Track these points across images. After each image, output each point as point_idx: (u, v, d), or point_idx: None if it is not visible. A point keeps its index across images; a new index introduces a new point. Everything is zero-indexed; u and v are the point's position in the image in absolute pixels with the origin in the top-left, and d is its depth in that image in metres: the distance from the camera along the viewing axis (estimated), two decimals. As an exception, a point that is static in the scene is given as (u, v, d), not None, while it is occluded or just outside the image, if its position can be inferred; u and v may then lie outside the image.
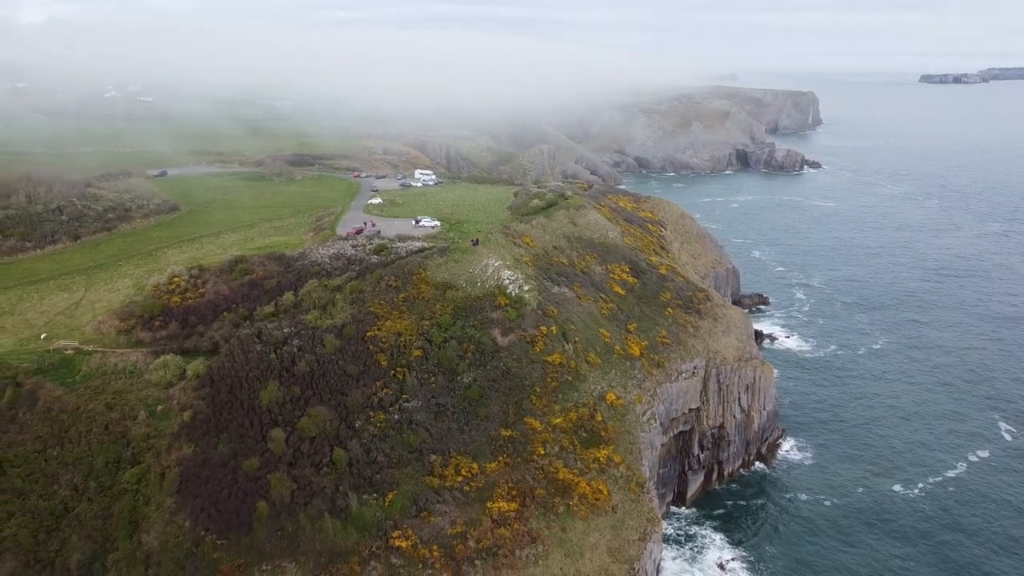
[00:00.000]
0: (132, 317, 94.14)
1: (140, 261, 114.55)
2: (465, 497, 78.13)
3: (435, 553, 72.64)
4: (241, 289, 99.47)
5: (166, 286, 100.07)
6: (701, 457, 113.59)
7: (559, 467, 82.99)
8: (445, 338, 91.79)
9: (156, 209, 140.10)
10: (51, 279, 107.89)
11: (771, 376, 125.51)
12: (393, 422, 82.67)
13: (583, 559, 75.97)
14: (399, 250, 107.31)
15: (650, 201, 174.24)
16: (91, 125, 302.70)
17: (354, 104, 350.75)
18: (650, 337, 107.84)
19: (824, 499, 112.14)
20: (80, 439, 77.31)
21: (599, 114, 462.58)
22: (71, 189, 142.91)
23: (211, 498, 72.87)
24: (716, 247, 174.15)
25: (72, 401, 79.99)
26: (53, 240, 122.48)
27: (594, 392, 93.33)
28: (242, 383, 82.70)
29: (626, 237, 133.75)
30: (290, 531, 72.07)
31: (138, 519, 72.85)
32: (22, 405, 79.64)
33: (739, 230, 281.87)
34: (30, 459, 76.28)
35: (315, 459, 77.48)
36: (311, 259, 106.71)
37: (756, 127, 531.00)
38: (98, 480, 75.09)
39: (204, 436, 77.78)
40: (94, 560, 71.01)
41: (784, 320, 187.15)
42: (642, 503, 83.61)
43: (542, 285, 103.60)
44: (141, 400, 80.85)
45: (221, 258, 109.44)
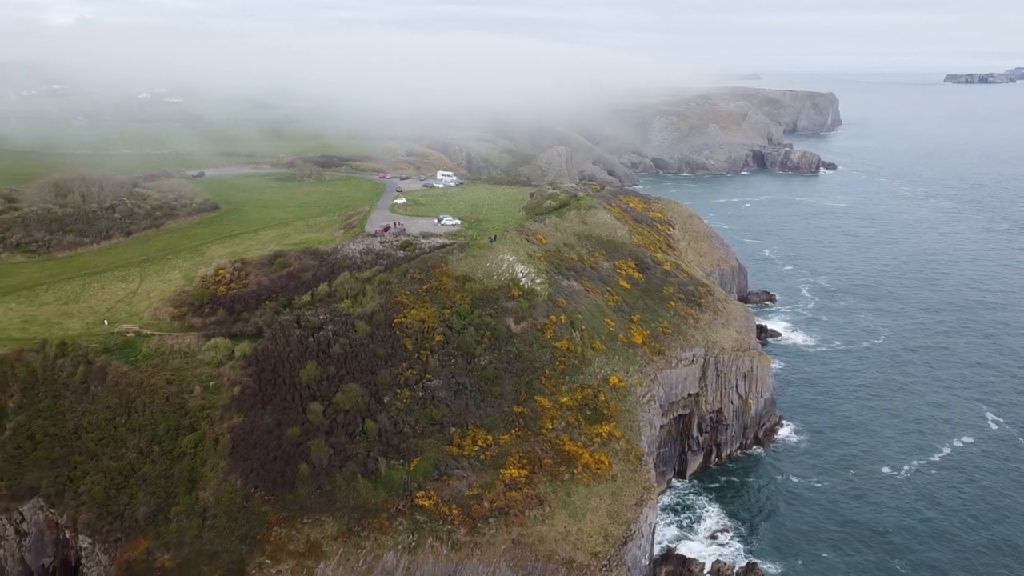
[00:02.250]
0: (184, 305, 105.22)
1: (187, 255, 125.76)
2: (481, 464, 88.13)
3: (454, 511, 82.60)
4: (280, 280, 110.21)
5: (213, 277, 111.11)
6: (700, 439, 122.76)
7: (565, 440, 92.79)
8: (464, 325, 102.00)
9: (198, 208, 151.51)
10: (108, 271, 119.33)
11: (768, 366, 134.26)
12: (417, 398, 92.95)
13: (585, 520, 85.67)
14: (423, 246, 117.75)
15: (660, 202, 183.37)
16: (127, 127, 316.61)
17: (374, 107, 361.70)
18: (652, 327, 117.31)
19: (815, 480, 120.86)
20: (144, 409, 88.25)
21: (616, 116, 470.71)
22: (120, 189, 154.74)
23: (259, 460, 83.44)
24: (723, 246, 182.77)
25: (136, 376, 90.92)
26: (107, 236, 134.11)
27: (598, 375, 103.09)
28: (284, 363, 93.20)
29: (634, 236, 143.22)
30: (327, 489, 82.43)
31: (196, 478, 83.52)
32: (93, 380, 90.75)
33: (751, 230, 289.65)
34: (102, 426, 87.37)
35: (349, 429, 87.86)
36: (343, 254, 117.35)
37: (774, 128, 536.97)
38: (160, 444, 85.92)
39: (252, 408, 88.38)
40: (158, 513, 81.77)
41: (790, 316, 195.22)
42: (639, 473, 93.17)
43: (553, 279, 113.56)
44: (196, 376, 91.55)
45: (261, 252, 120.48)
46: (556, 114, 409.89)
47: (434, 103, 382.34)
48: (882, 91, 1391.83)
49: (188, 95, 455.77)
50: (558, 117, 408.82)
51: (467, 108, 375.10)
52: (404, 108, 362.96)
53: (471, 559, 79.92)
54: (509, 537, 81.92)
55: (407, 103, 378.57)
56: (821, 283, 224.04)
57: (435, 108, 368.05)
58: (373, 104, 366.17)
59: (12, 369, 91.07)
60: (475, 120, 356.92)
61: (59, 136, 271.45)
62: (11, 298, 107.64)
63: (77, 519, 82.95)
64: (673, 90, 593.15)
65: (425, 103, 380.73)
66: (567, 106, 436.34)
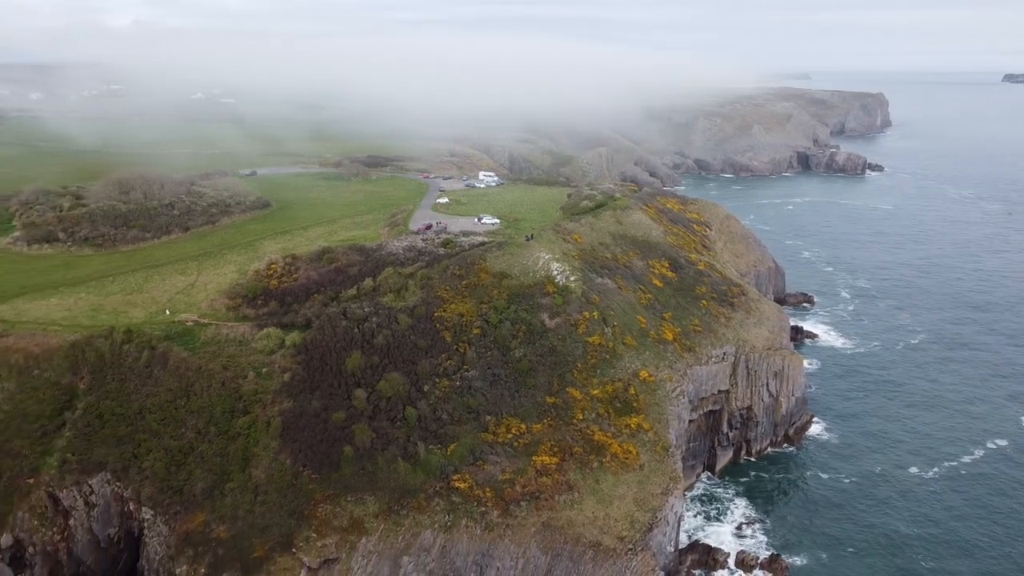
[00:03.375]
0: (238, 296, 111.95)
1: (241, 250, 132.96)
2: (514, 451, 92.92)
3: (488, 494, 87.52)
4: (328, 275, 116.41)
5: (265, 271, 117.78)
6: (730, 435, 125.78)
7: (595, 430, 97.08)
8: (500, 319, 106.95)
9: (251, 205, 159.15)
10: (168, 264, 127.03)
11: (800, 366, 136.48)
12: (455, 387, 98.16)
13: (612, 506, 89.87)
14: (463, 243, 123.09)
15: (697, 203, 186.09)
16: (183, 127, 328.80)
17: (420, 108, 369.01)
18: (683, 325, 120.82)
19: (843, 477, 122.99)
20: (202, 392, 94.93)
21: (659, 117, 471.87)
22: (179, 187, 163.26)
23: (307, 442, 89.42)
24: (759, 247, 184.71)
25: (195, 362, 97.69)
26: (167, 231, 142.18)
27: (629, 369, 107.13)
28: (331, 352, 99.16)
29: (668, 236, 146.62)
30: (370, 470, 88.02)
31: (249, 457, 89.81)
32: (156, 364, 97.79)
33: (792, 231, 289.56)
34: (163, 407, 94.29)
35: (390, 414, 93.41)
36: (387, 250, 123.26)
37: (820, 129, 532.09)
38: (217, 425, 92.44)
39: (301, 393, 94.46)
40: (214, 488, 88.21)
41: (827, 317, 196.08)
42: (666, 464, 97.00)
43: (587, 276, 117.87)
44: (249, 363, 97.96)
45: (310, 248, 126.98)
46: (599, 115, 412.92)
47: (478, 104, 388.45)
48: (936, 91, 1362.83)
49: (241, 96, 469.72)
50: (600, 118, 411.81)
51: (510, 109, 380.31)
52: (449, 109, 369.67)
53: (503, 539, 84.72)
54: (539, 520, 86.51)
55: (452, 104, 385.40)
56: (861, 285, 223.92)
57: (479, 109, 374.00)
58: (419, 105, 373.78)
59: (83, 353, 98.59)
60: (518, 121, 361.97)
61: (118, 136, 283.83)
62: (81, 288, 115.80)
63: (141, 492, 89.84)
64: (718, 91, 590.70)
65: (470, 104, 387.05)
66: (610, 107, 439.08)
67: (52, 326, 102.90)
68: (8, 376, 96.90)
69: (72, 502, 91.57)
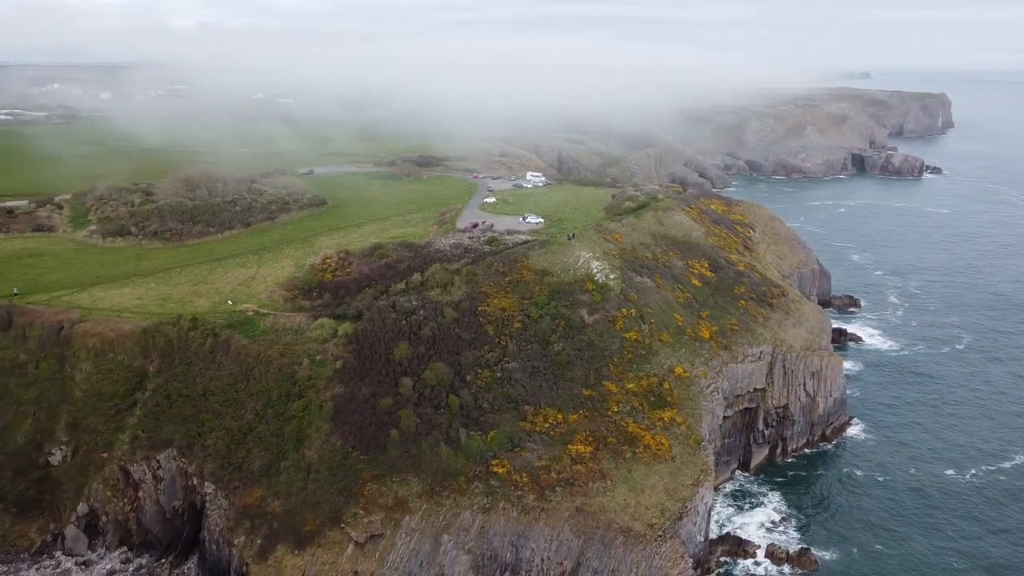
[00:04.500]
0: (295, 289, 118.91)
1: (298, 245, 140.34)
2: (550, 439, 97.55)
3: (524, 479, 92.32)
4: (379, 269, 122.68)
5: (320, 265, 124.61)
6: (766, 433, 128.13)
7: (629, 422, 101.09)
8: (541, 314, 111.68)
9: (308, 203, 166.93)
10: (231, 258, 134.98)
11: (839, 367, 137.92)
12: (496, 378, 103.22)
13: (643, 494, 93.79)
14: (507, 241, 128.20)
15: (741, 205, 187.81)
16: (244, 126, 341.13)
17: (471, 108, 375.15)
18: (720, 324, 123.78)
19: (878, 476, 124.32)
20: (261, 377, 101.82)
21: (711, 117, 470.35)
22: (241, 185, 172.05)
23: (356, 425, 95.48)
24: (804, 249, 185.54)
25: (255, 349, 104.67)
26: (230, 227, 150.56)
27: (664, 365, 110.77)
28: (380, 342, 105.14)
29: (709, 237, 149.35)
30: (414, 453, 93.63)
31: (302, 438, 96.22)
32: (219, 350, 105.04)
33: (841, 234, 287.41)
34: (225, 390, 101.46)
35: (434, 402, 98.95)
36: (435, 247, 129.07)
37: (877, 131, 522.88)
38: (274, 408, 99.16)
39: (351, 380, 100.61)
40: (270, 466, 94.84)
41: (874, 321, 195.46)
42: (698, 457, 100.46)
43: (626, 275, 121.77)
44: (304, 351, 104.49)
45: (362, 244, 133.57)
46: (648, 115, 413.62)
47: (528, 104, 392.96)
48: (1002, 91, 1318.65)
49: (299, 96, 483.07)
50: (650, 118, 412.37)
51: (559, 109, 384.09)
52: (499, 109, 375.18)
53: (538, 522, 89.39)
54: (573, 505, 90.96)
55: (502, 104, 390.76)
56: (911, 289, 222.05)
57: (529, 109, 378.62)
58: (470, 105, 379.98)
59: (153, 339, 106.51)
60: (567, 122, 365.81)
61: (182, 135, 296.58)
62: (151, 279, 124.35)
63: (203, 468, 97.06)
64: (771, 91, 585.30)
65: (519, 104, 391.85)
66: (659, 107, 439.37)
67: (125, 313, 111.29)
68: (86, 358, 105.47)
69: (142, 476, 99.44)
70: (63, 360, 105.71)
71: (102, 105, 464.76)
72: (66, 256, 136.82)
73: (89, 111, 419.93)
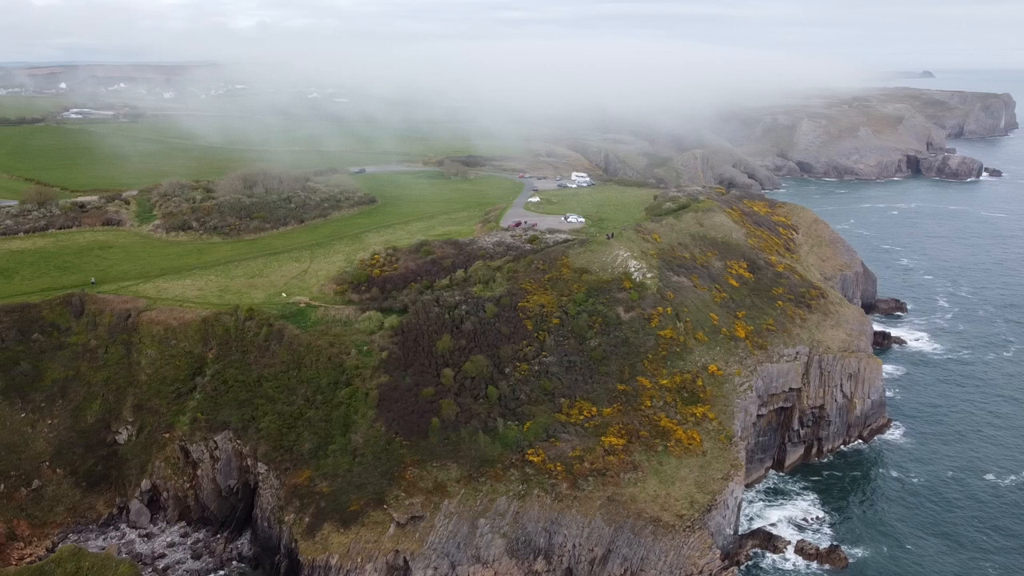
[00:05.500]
0: (345, 283, 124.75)
1: (349, 241, 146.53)
2: (584, 431, 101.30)
3: (558, 468, 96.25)
4: (424, 265, 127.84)
5: (369, 261, 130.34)
6: (801, 432, 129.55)
7: (661, 417, 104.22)
8: (578, 311, 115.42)
9: (359, 201, 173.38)
10: (285, 252, 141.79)
11: (878, 369, 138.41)
12: (533, 371, 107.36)
13: (673, 486, 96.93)
14: (548, 240, 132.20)
15: (785, 207, 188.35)
16: (297, 126, 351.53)
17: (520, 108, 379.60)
18: (757, 323, 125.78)
19: (914, 478, 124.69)
20: (311, 365, 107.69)
21: (762, 118, 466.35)
22: (295, 182, 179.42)
23: (400, 412, 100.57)
24: (847, 252, 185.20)
25: (306, 339, 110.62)
26: (284, 223, 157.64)
27: (698, 363, 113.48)
28: (424, 334, 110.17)
29: (750, 238, 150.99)
30: (454, 440, 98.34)
31: (349, 423, 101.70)
32: (272, 339, 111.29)
33: (892, 237, 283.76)
34: (278, 377, 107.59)
35: (474, 392, 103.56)
36: (479, 245, 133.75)
37: (935, 132, 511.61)
38: (323, 395, 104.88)
39: (396, 370, 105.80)
40: (319, 449, 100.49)
41: (921, 325, 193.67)
42: (729, 452, 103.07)
43: (663, 274, 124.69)
44: (352, 341, 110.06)
45: (409, 241, 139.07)
46: (697, 116, 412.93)
47: (576, 104, 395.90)
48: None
49: (352, 96, 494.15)
50: (701, 119, 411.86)
51: (607, 109, 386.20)
52: (547, 109, 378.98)
53: (570, 510, 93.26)
54: (604, 494, 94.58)
55: (550, 104, 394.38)
56: (961, 294, 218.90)
57: (577, 110, 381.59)
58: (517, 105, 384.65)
59: (212, 328, 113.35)
60: (615, 122, 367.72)
61: (240, 133, 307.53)
62: (211, 271, 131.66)
63: (257, 450, 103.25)
64: (825, 91, 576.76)
65: (568, 104, 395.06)
66: (709, 108, 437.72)
67: (187, 303, 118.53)
68: (151, 344, 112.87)
69: (200, 455, 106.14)
70: (130, 346, 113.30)
71: (165, 104, 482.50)
72: (133, 249, 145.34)
73: (153, 110, 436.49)
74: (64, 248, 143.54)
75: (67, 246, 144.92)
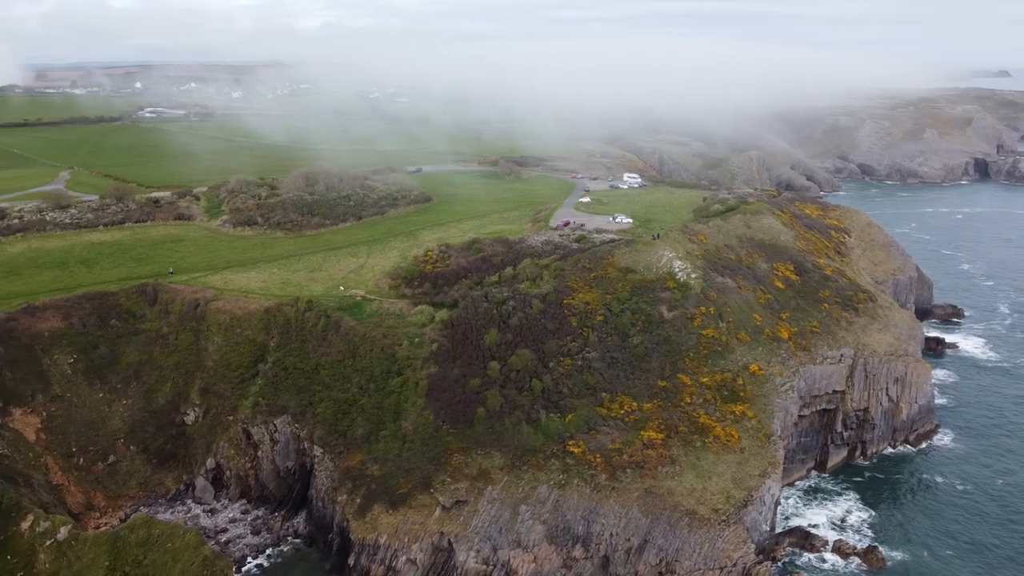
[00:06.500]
0: (399, 278, 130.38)
1: (404, 238, 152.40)
2: (624, 425, 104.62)
3: (598, 459, 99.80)
4: (475, 262, 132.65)
5: (423, 257, 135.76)
6: (844, 435, 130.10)
7: (700, 413, 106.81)
8: (622, 309, 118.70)
9: (415, 199, 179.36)
10: (343, 248, 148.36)
11: (926, 374, 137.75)
12: (576, 366, 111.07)
13: (710, 481, 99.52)
14: (595, 240, 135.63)
15: (837, 210, 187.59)
16: (357, 125, 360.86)
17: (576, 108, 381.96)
18: (801, 325, 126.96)
19: (959, 484, 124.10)
20: (365, 355, 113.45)
21: (823, 119, 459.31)
22: (354, 181, 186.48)
23: (447, 402, 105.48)
24: (901, 256, 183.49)
25: (361, 330, 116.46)
26: (343, 219, 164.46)
27: (739, 362, 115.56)
28: (472, 328, 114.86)
29: (798, 241, 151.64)
30: (498, 430, 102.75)
31: (399, 411, 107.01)
32: (330, 330, 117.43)
33: (954, 242, 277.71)
34: (334, 365, 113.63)
35: (519, 384, 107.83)
36: (527, 243, 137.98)
37: (1007, 135, 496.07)
38: (375, 383, 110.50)
39: (444, 361, 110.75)
40: (371, 434, 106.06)
41: (977, 331, 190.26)
42: (767, 450, 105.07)
43: (707, 275, 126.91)
44: (404, 333, 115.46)
45: (461, 239, 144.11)
46: (756, 117, 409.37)
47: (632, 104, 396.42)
48: None
49: (413, 95, 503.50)
50: (758, 120, 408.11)
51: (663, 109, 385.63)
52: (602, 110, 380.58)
53: (608, 500, 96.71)
54: (642, 486, 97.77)
55: (606, 105, 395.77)
56: (1021, 300, 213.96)
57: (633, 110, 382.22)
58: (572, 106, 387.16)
59: (274, 318, 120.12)
60: (671, 123, 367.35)
61: (302, 132, 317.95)
62: (273, 264, 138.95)
63: (313, 434, 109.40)
64: (889, 91, 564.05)
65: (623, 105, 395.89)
66: (767, 108, 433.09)
67: (251, 294, 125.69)
68: (217, 332, 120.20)
69: (261, 437, 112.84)
70: (198, 333, 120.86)
71: (233, 103, 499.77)
72: (202, 242, 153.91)
73: (222, 109, 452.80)
74: (140, 240, 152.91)
75: (142, 239, 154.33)
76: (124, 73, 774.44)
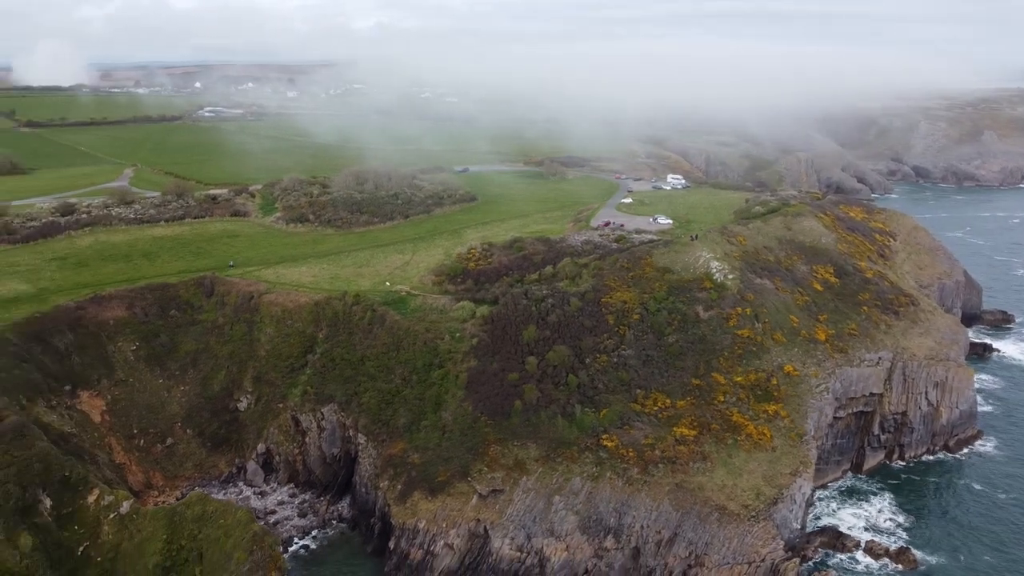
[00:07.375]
0: (443, 274, 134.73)
1: (448, 236, 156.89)
2: (657, 421, 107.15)
3: (631, 454, 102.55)
4: (516, 261, 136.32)
5: (466, 255, 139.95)
6: (881, 438, 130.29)
7: (733, 412, 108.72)
8: (658, 308, 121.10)
9: (460, 198, 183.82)
10: (390, 245, 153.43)
11: (969, 379, 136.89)
12: (612, 363, 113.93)
13: (741, 478, 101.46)
14: (634, 240, 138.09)
15: (883, 213, 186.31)
16: (408, 124, 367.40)
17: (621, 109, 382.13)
18: (838, 328, 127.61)
19: (1000, 491, 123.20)
20: (408, 348, 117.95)
21: (876, 120, 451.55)
22: (402, 180, 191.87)
23: (486, 394, 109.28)
24: (948, 260, 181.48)
25: (405, 324, 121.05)
26: (391, 217, 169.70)
27: (774, 363, 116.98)
28: (511, 324, 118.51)
29: (840, 243, 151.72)
30: (534, 422, 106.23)
31: (440, 402, 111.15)
32: (375, 323, 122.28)
33: (1009, 248, 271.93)
34: (379, 357, 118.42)
35: (555, 379, 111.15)
36: (568, 243, 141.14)
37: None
38: (418, 375, 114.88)
39: (484, 355, 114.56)
40: (412, 424, 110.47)
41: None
42: (799, 449, 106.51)
43: (744, 276, 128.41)
44: (446, 328, 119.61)
45: (504, 238, 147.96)
46: (806, 117, 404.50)
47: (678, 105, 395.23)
48: None
49: (465, 95, 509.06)
50: (808, 120, 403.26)
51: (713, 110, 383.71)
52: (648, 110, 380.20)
53: (640, 493, 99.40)
54: (673, 481, 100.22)
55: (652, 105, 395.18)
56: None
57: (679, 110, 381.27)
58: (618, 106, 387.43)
59: (323, 310, 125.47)
60: (720, 124, 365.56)
61: (353, 131, 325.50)
62: (323, 260, 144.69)
63: (358, 422, 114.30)
64: (946, 92, 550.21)
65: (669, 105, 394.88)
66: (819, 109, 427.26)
67: (301, 288, 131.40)
68: (270, 323, 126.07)
69: (308, 425, 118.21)
70: (251, 324, 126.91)
71: (288, 103, 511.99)
72: (256, 237, 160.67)
73: (277, 109, 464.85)
74: (198, 235, 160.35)
75: (200, 234, 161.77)
76: (183, 73, 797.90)
